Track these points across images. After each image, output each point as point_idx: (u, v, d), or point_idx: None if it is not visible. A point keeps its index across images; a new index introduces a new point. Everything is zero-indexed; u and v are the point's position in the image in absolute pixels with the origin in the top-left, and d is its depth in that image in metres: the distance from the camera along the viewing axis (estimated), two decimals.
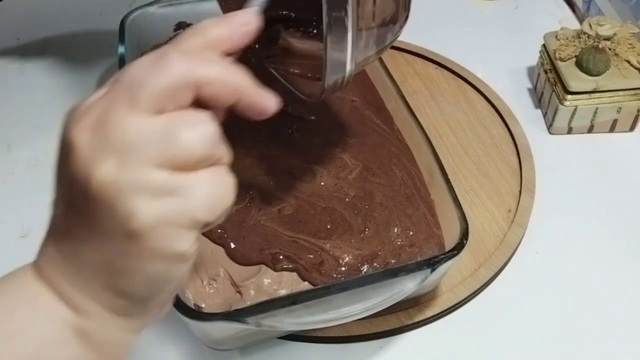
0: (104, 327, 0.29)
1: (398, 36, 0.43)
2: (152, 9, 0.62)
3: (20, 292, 0.30)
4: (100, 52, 0.70)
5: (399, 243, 0.46)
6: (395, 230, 0.47)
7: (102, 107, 0.27)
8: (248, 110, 0.30)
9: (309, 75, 0.40)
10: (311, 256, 0.45)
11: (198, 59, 0.28)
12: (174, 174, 0.26)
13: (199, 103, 0.28)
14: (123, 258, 0.27)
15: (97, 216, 0.27)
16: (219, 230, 0.47)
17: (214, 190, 0.28)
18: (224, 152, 0.29)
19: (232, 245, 0.46)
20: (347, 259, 0.45)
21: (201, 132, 0.27)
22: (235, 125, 0.42)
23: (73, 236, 0.28)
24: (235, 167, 0.54)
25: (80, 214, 0.27)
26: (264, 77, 0.42)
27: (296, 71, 0.42)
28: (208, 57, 0.28)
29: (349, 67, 0.39)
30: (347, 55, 0.38)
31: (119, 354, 0.31)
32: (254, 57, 0.49)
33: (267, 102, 0.30)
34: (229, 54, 0.30)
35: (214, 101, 0.28)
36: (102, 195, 0.26)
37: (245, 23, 0.30)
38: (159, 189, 0.26)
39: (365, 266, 0.45)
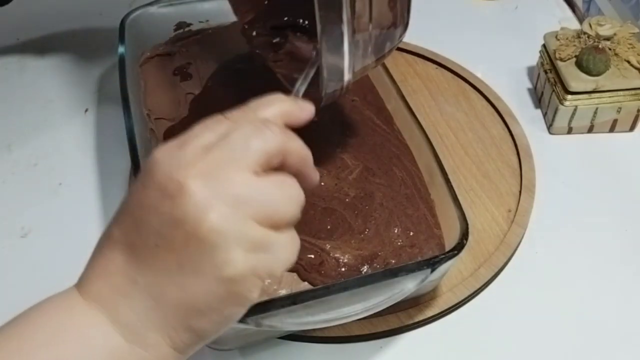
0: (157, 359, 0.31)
1: (398, 44, 0.43)
2: (152, 9, 0.62)
3: (73, 318, 0.30)
4: (100, 52, 0.70)
5: (399, 243, 0.46)
6: (396, 231, 0.47)
7: (213, 159, 0.30)
8: (303, 180, 0.34)
9: (311, 81, 0.40)
10: (311, 256, 0.45)
11: (289, 133, 0.32)
12: (269, 231, 0.30)
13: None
14: (208, 299, 0.29)
15: (195, 258, 0.29)
16: None
17: (291, 252, 0.32)
18: (300, 215, 0.32)
19: None
20: (347, 260, 0.45)
21: (295, 197, 0.31)
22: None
23: (157, 271, 0.29)
24: None
25: (175, 252, 0.29)
26: (270, 80, 0.42)
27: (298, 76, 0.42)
28: (291, 132, 0.33)
29: (347, 76, 0.39)
30: (344, 63, 0.38)
31: None
32: (261, 60, 0.50)
33: (315, 177, 0.35)
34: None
35: (290, 168, 0.33)
36: (209, 239, 0.28)
37: (309, 109, 0.35)
38: (255, 243, 0.29)
39: (365, 267, 0.45)
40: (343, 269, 0.45)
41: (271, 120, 0.33)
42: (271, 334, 0.46)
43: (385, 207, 0.48)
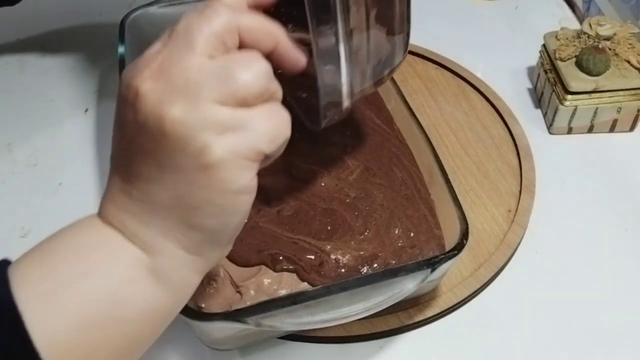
0: (175, 264, 0.31)
1: (397, 68, 0.43)
2: (152, 9, 0.62)
3: (92, 236, 0.32)
4: (100, 52, 0.70)
5: (399, 244, 0.46)
6: (396, 232, 0.47)
7: (162, 56, 0.29)
8: (283, 60, 0.33)
9: (313, 100, 0.40)
10: (311, 257, 0.45)
11: (239, 10, 0.31)
12: (236, 109, 0.29)
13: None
14: (196, 191, 0.29)
15: (170, 154, 0.29)
16: None
17: (273, 123, 0.30)
18: (277, 87, 0.31)
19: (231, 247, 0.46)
20: (347, 261, 0.45)
21: (256, 68, 0.30)
22: None
23: (144, 178, 0.30)
24: None
25: (151, 155, 0.29)
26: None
27: (303, 95, 0.42)
28: (246, 9, 0.32)
29: (345, 103, 0.39)
30: (342, 87, 0.38)
31: (186, 294, 0.33)
32: None
33: (297, 52, 0.33)
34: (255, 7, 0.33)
35: (255, 46, 0.31)
36: (175, 133, 0.28)
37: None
38: (225, 124, 0.29)
39: (365, 268, 0.45)
40: (343, 270, 0.45)
41: (227, 3, 0.31)
42: (271, 334, 0.46)
43: (386, 208, 0.48)
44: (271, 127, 0.30)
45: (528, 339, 0.47)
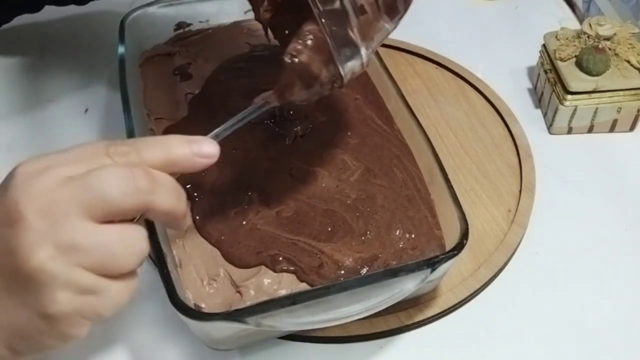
0: None
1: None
2: (152, 9, 0.62)
3: None
4: (100, 52, 0.70)
5: (400, 246, 0.46)
6: (397, 233, 0.47)
7: (61, 196, 0.29)
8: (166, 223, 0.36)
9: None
10: (310, 259, 0.45)
11: (159, 188, 0.31)
12: (99, 278, 0.30)
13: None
14: (31, 329, 0.30)
15: (20, 288, 0.30)
16: (216, 234, 0.47)
17: (123, 298, 0.32)
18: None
19: (228, 250, 0.46)
20: (347, 262, 0.45)
21: (138, 251, 0.31)
22: (246, 121, 0.41)
23: None
24: (234, 168, 0.54)
25: (5, 277, 0.30)
26: (270, 80, 0.41)
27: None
28: (166, 185, 0.32)
29: (363, 55, 0.37)
30: (354, 35, 0.36)
31: None
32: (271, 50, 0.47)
33: (185, 224, 0.36)
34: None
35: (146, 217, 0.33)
36: (34, 276, 0.29)
37: (210, 156, 0.34)
38: (84, 289, 0.30)
39: (365, 269, 0.45)
40: (342, 272, 0.44)
41: (148, 167, 0.31)
42: (271, 334, 0.46)
43: (387, 209, 0.48)
44: (121, 300, 0.32)
45: (528, 339, 0.47)
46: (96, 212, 0.30)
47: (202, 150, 0.34)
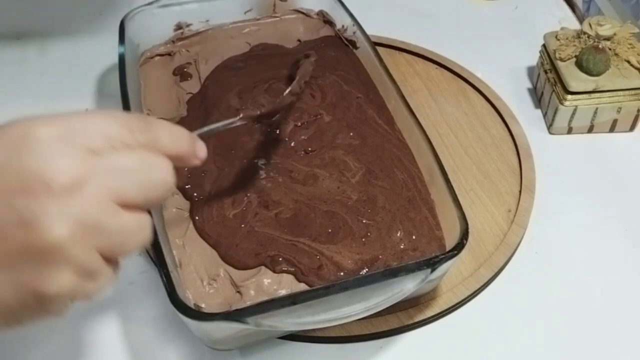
0: None
1: None
2: (152, 9, 0.62)
3: None
4: (100, 52, 0.70)
5: (401, 247, 0.46)
6: (398, 234, 0.47)
7: (91, 170, 0.28)
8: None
9: None
10: (310, 260, 0.45)
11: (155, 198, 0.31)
12: (103, 262, 0.29)
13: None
14: (13, 305, 0.28)
15: (22, 262, 0.27)
16: (214, 236, 0.47)
17: (109, 282, 0.31)
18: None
19: (226, 252, 0.46)
20: (346, 264, 0.45)
21: (145, 239, 0.31)
22: (236, 126, 0.43)
23: None
24: (234, 169, 0.54)
25: (4, 246, 0.28)
26: (269, 80, 0.41)
27: None
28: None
29: None
30: None
31: None
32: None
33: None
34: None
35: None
36: (48, 251, 0.27)
37: (203, 158, 0.35)
38: (89, 272, 0.29)
39: (365, 270, 0.45)
40: (342, 274, 0.44)
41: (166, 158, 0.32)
42: (271, 334, 0.46)
43: (388, 211, 0.48)
44: (106, 285, 0.31)
45: (528, 339, 0.47)
46: (125, 197, 0.29)
47: (200, 152, 0.35)
